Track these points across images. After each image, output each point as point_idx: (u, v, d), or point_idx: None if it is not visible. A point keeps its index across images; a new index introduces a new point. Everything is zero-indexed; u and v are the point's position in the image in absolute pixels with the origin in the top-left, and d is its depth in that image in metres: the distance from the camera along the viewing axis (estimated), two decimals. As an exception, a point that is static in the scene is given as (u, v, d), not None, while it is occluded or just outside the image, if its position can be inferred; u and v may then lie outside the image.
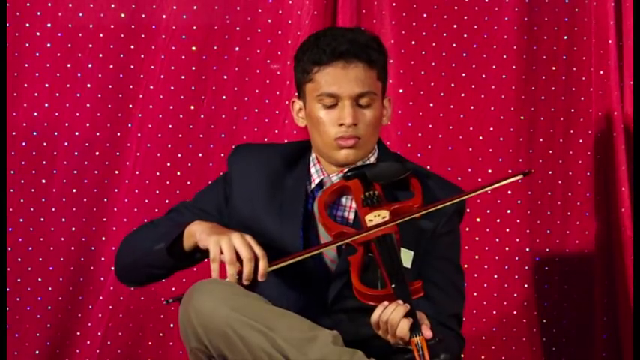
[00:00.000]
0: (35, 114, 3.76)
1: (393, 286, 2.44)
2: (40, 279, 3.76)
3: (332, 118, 2.65)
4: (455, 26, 3.71)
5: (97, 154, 3.76)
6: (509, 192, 3.70)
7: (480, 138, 3.71)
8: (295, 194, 2.70)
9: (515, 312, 3.70)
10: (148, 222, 2.82)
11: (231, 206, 2.74)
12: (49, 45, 3.75)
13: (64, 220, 3.76)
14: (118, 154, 3.77)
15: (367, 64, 2.65)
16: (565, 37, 3.71)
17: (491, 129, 3.71)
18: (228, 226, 2.66)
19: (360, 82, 2.64)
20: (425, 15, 3.70)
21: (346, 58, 2.64)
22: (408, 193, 2.64)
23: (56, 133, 3.76)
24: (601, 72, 3.65)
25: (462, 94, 3.72)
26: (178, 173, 3.76)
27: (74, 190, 3.76)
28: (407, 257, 2.58)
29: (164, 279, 2.77)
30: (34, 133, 3.76)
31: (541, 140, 3.71)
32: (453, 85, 3.72)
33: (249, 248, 2.51)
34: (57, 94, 3.76)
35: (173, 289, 3.50)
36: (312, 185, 2.72)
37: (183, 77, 3.75)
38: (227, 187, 2.76)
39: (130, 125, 3.76)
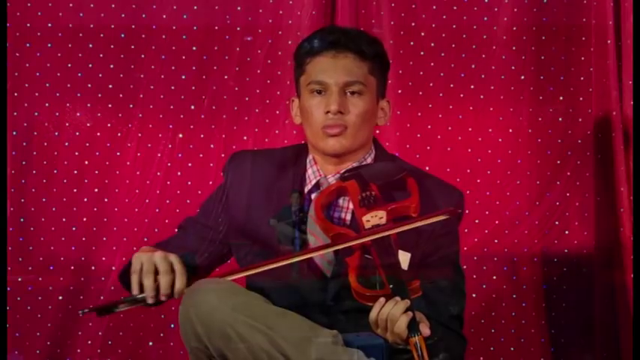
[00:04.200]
0: (36, 113, 3.76)
1: (391, 286, 2.45)
2: (40, 278, 3.76)
3: (319, 106, 2.67)
4: (454, 26, 3.71)
5: (98, 154, 3.76)
6: (508, 193, 3.70)
7: (479, 139, 3.71)
8: (290, 197, 2.71)
9: (514, 313, 3.70)
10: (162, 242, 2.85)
11: (229, 214, 2.76)
12: (49, 45, 3.75)
13: (64, 219, 3.77)
14: (118, 154, 3.77)
15: (358, 56, 2.68)
16: (564, 38, 3.71)
17: (490, 130, 3.71)
18: (227, 233, 2.73)
19: (348, 71, 2.67)
20: (424, 15, 3.70)
21: (337, 47, 2.67)
22: (404, 193, 2.64)
23: (57, 133, 3.76)
24: (600, 72, 3.66)
25: (461, 95, 3.72)
26: (179, 173, 3.76)
27: (75, 190, 3.77)
28: (404, 259, 2.58)
29: None
30: (35, 133, 3.76)
31: (540, 140, 3.71)
32: (451, 85, 3.72)
33: (168, 264, 2.52)
34: (57, 94, 3.76)
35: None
36: (309, 186, 2.72)
37: (183, 77, 3.75)
38: (223, 196, 2.77)
39: (130, 125, 3.76)
